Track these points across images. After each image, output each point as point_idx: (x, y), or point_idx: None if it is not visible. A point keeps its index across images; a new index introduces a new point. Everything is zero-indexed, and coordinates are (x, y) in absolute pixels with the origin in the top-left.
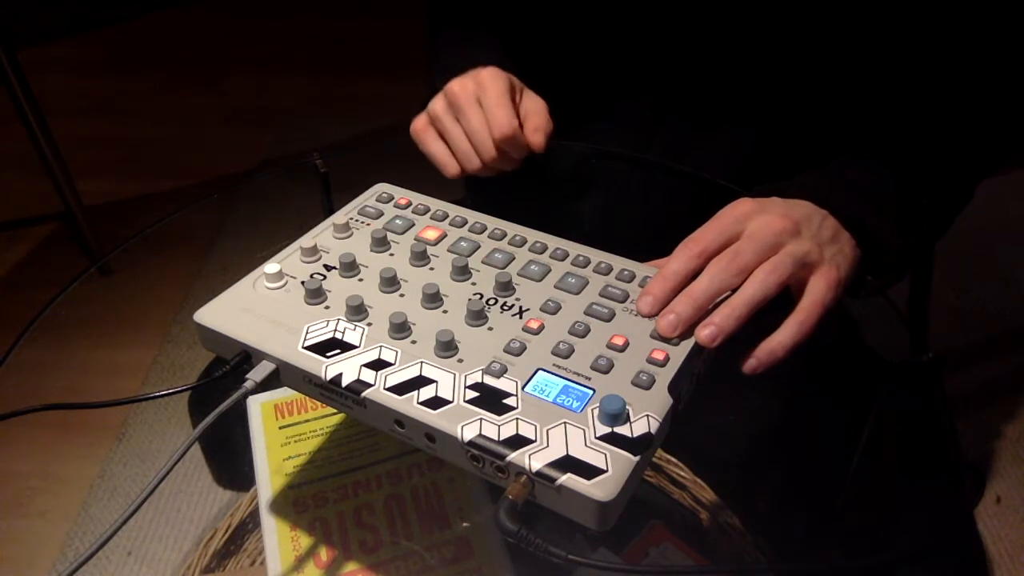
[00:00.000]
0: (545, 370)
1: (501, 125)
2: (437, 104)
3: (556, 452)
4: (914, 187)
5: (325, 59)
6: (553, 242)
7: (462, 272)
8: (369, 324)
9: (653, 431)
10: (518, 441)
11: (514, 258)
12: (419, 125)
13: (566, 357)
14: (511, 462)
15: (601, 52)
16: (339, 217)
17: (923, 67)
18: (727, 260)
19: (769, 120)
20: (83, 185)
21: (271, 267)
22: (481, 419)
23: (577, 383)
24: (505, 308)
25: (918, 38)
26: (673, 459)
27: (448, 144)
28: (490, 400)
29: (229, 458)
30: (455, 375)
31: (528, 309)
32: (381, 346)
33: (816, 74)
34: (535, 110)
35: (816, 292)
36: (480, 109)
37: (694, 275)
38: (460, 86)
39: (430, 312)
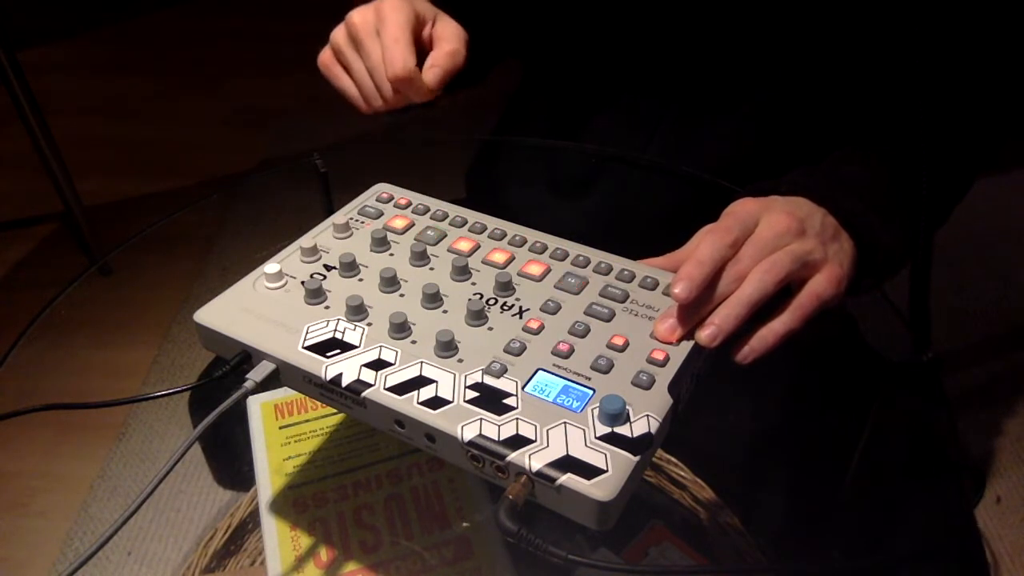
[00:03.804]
0: (545, 370)
1: (393, 65)
2: (339, 35)
3: (556, 452)
4: (912, 180)
5: None
6: (553, 242)
7: (462, 272)
8: (369, 324)
9: (653, 431)
10: (518, 441)
11: (514, 258)
12: (325, 58)
13: (566, 357)
14: (511, 462)
15: (603, 49)
16: (339, 217)
17: (921, 56)
18: (728, 267)
19: (771, 112)
20: (83, 185)
21: (271, 267)
22: (481, 419)
23: (577, 383)
24: (505, 308)
25: (916, 27)
26: (673, 459)
27: (354, 80)
28: (490, 400)
29: (229, 458)
30: (455, 375)
31: (528, 309)
32: (381, 346)
33: (816, 64)
34: (445, 36)
35: (815, 285)
36: (379, 44)
37: (722, 264)
38: (360, 17)
39: (430, 312)
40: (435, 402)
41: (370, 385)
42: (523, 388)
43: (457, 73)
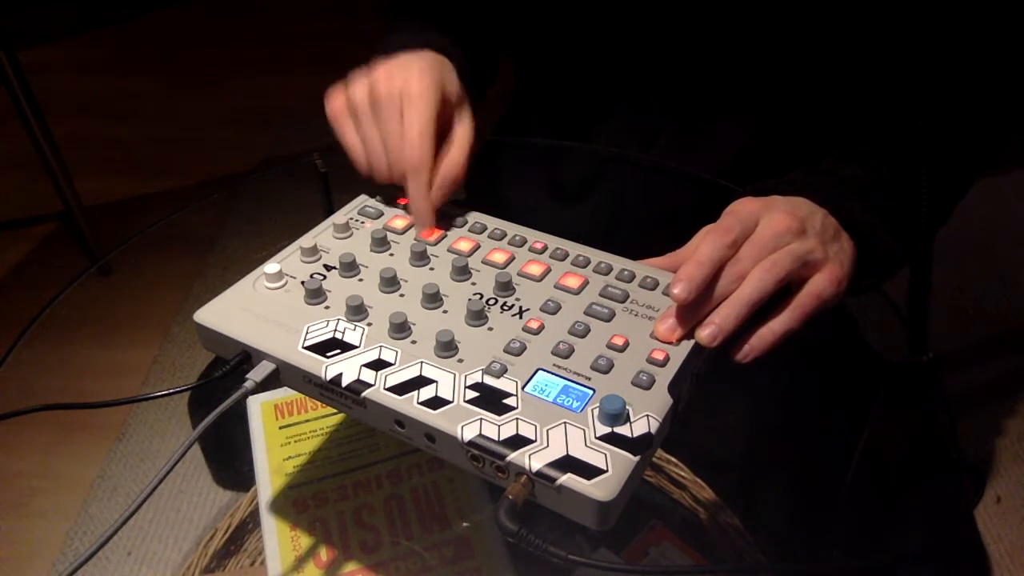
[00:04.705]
0: (545, 370)
1: (411, 158)
2: (358, 92)
3: (556, 452)
4: (912, 179)
5: (325, 59)
6: (553, 242)
7: (462, 272)
8: (369, 324)
9: (653, 431)
10: (518, 441)
11: (514, 258)
12: (336, 109)
13: (566, 357)
14: (511, 462)
15: (605, 52)
16: (339, 217)
17: (920, 55)
18: (728, 267)
19: (772, 113)
20: (83, 185)
21: (271, 267)
22: (481, 419)
23: (577, 383)
24: (505, 308)
25: (915, 27)
26: (673, 459)
27: (363, 143)
28: (490, 400)
29: (229, 458)
30: (455, 375)
31: (528, 309)
32: (381, 346)
33: (816, 64)
34: (457, 142)
35: (814, 285)
36: (400, 122)
37: (722, 264)
38: (386, 82)
39: (430, 312)
40: (435, 402)
41: (370, 385)
42: (523, 388)
43: (456, 189)
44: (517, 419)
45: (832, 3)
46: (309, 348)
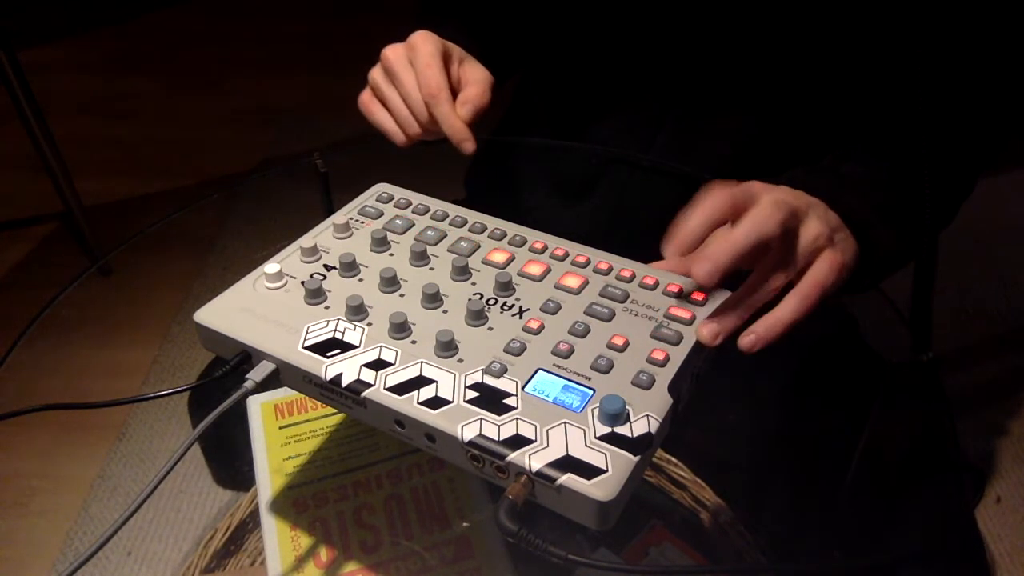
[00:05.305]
0: (545, 370)
1: (428, 85)
2: (375, 72)
3: (556, 452)
4: (912, 179)
5: (325, 59)
6: (553, 242)
7: (462, 272)
8: (369, 324)
9: (653, 431)
10: (518, 441)
11: (514, 258)
12: (364, 97)
13: (566, 357)
14: (511, 462)
15: (605, 52)
16: (339, 217)
17: (921, 55)
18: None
19: (773, 112)
20: (83, 185)
21: (271, 267)
22: (481, 419)
23: (577, 383)
24: (505, 308)
25: (916, 26)
26: (673, 459)
27: (390, 112)
28: (490, 400)
29: (229, 458)
30: (455, 375)
31: (528, 309)
32: (381, 346)
33: (816, 63)
34: (473, 79)
35: (818, 272)
36: (411, 71)
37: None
38: (393, 51)
39: (430, 312)
40: (435, 402)
41: (370, 385)
42: (523, 388)
43: (484, 113)
44: (517, 419)
45: (832, 2)
46: (309, 348)
